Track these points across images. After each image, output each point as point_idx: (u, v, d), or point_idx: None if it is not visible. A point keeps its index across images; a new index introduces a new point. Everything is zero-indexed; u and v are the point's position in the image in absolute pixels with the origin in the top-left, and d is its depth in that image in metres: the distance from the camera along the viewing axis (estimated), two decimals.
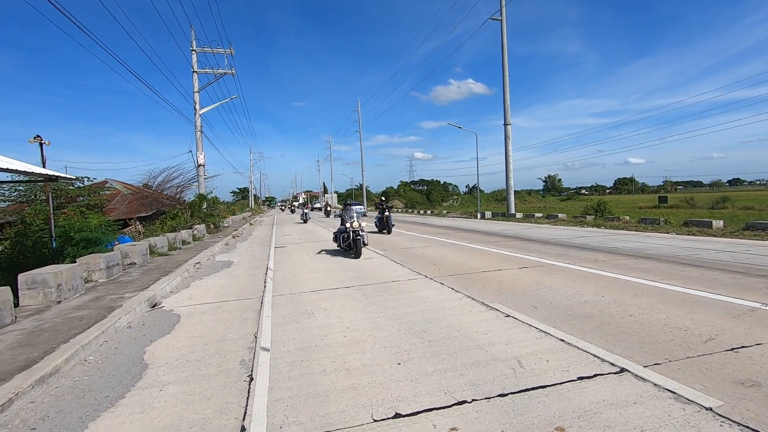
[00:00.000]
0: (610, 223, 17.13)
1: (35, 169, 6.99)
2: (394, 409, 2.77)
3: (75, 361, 3.97)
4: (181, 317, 5.56)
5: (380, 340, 4.18)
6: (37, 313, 5.61)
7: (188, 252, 12.34)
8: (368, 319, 4.95)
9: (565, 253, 9.35)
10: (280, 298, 6.31)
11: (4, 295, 5.09)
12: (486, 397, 2.88)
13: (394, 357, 3.70)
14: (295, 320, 5.08)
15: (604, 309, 4.83)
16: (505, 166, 26.82)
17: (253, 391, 3.18)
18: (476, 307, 5.19)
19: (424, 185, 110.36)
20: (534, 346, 3.78)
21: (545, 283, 6.38)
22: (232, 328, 4.93)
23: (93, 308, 5.78)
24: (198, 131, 23.28)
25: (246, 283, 7.74)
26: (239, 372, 3.59)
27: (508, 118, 26.44)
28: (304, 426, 2.65)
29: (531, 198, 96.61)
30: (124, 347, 4.42)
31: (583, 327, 4.23)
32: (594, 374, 3.13)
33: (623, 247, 10.09)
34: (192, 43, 23.40)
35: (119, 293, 6.69)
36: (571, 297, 5.45)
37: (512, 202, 26.78)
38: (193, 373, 3.61)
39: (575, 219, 20.28)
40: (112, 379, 3.58)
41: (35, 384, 3.35)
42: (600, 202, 25.56)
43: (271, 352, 4.01)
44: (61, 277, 6.34)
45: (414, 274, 7.68)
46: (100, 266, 7.95)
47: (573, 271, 7.21)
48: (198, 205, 20.92)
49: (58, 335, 4.57)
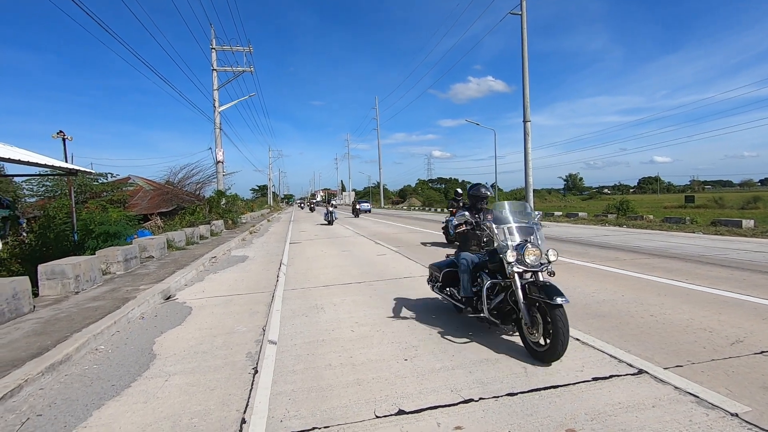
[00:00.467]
0: (633, 222, 16.61)
1: (54, 162, 7.16)
2: (398, 406, 2.68)
3: (86, 350, 4.01)
4: (192, 309, 5.59)
5: (388, 335, 4.10)
6: (55, 303, 5.73)
7: (205, 246, 12.50)
8: (378, 314, 4.87)
9: (584, 252, 9.07)
10: (292, 292, 6.29)
11: (23, 284, 5.21)
12: (494, 396, 2.76)
13: (401, 353, 3.61)
14: (304, 314, 5.04)
15: (624, 308, 4.63)
16: (524, 164, 26.33)
17: (256, 384, 3.14)
18: None
19: (442, 183, 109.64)
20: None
21: (561, 281, 6.17)
22: (241, 321, 4.92)
23: (108, 299, 5.87)
24: (217, 128, 23.60)
25: (259, 277, 7.77)
26: (245, 364, 3.56)
27: (528, 115, 25.94)
28: (304, 420, 2.58)
29: (551, 197, 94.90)
30: (135, 338, 4.46)
31: (600, 326, 4.06)
32: (610, 375, 2.97)
33: (646, 246, 9.73)
34: (212, 42, 23.72)
35: (135, 285, 6.79)
36: (588, 296, 5.25)
37: (531, 200, 26.26)
38: (199, 365, 3.60)
39: (596, 218, 19.76)
40: (120, 369, 3.60)
41: (45, 371, 3.39)
42: (623, 201, 24.84)
43: (278, 346, 3.97)
44: (79, 269, 6.46)
45: (426, 270, 7.55)
46: (118, 259, 8.10)
47: (592, 270, 6.97)
48: (216, 201, 21.23)
49: (72, 324, 4.65)
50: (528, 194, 26.42)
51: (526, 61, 25.52)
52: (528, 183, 26.38)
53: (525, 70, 25.55)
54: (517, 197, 78.60)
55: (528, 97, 25.67)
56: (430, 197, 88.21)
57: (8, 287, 4.93)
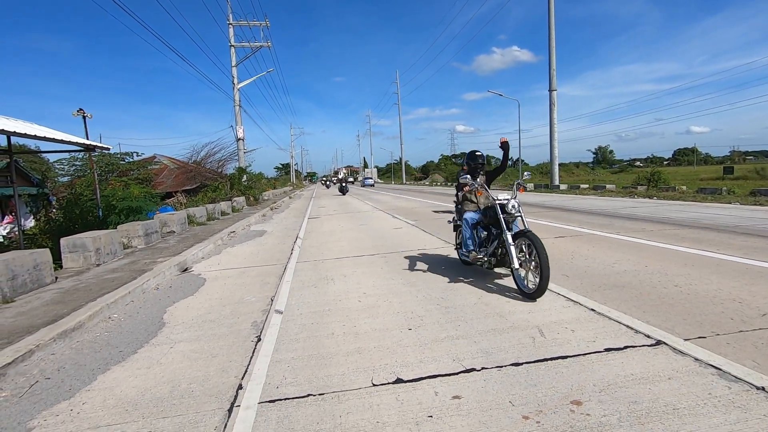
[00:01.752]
0: (664, 193, 15.85)
1: (71, 137, 7.29)
2: (396, 375, 2.60)
3: (99, 318, 4.10)
4: (206, 281, 5.66)
5: (395, 305, 4.01)
6: (76, 275, 5.91)
7: (225, 222, 12.70)
8: (387, 285, 4.79)
9: (609, 224, 8.69)
10: (304, 265, 6.28)
11: (44, 256, 5.37)
12: (498, 365, 2.64)
13: (406, 322, 3.52)
14: (313, 285, 5.02)
15: (646, 279, 4.37)
16: (550, 136, 25.41)
17: (258, 352, 3.12)
18: (502, 275, 4.87)
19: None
20: (559, 315, 3.46)
21: (582, 252, 5.91)
22: (251, 291, 4.94)
23: (127, 271, 6.01)
24: (236, 106, 23.65)
25: (274, 250, 7.81)
26: (249, 332, 3.56)
27: (554, 84, 24.83)
28: (300, 387, 2.54)
29: (579, 170, 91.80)
30: (148, 307, 4.54)
31: (618, 297, 3.84)
32: (624, 346, 2.79)
33: (676, 217, 9.24)
34: (228, 17, 23.49)
35: (153, 258, 6.94)
36: (609, 266, 5.00)
37: (556, 173, 25.48)
38: (205, 333, 3.62)
39: (625, 190, 18.97)
40: (130, 336, 3.66)
41: (57, 337, 3.48)
42: (654, 172, 23.71)
43: (284, 315, 3.95)
44: (99, 242, 6.63)
45: (442, 242, 7.41)
46: (139, 233, 8.29)
47: (615, 241, 6.65)
48: (237, 178, 21.49)
49: (89, 294, 4.77)
50: (553, 167, 25.59)
51: (553, 27, 24.27)
52: (553, 155, 25.52)
53: (551, 36, 24.32)
54: (543, 171, 76.52)
55: (554, 64, 24.53)
56: (453, 173, 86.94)
57: (29, 259, 5.09)
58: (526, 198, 18.37)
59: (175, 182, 23.21)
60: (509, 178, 71.74)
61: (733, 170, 51.41)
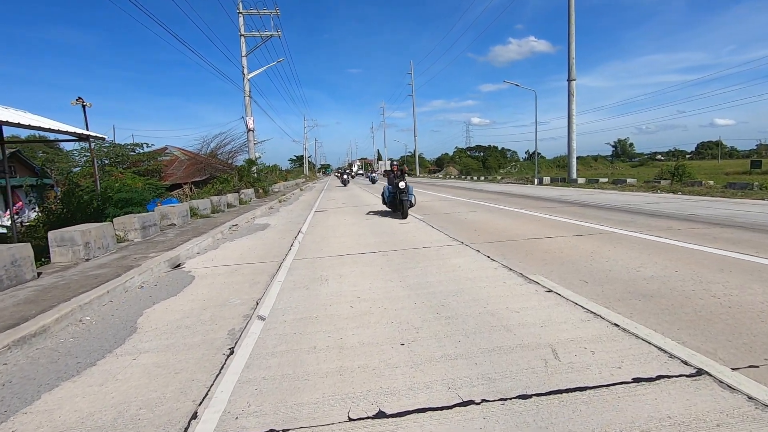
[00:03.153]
0: (690, 188, 15.00)
1: (63, 126, 7.01)
2: (379, 406, 2.18)
3: (68, 321, 3.77)
4: (195, 279, 5.32)
5: (390, 313, 3.58)
6: (61, 270, 5.63)
7: (229, 215, 12.42)
8: (384, 288, 4.36)
9: (631, 220, 8.08)
10: (300, 262, 5.90)
11: (24, 251, 5.08)
12: (501, 397, 2.19)
13: (399, 335, 3.09)
14: (305, 287, 4.62)
15: (677, 286, 3.84)
16: (568, 127, 24.50)
17: (226, 368, 2.73)
18: (512, 279, 4.40)
19: (480, 151, 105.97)
20: (577, 330, 2.98)
21: (602, 253, 5.38)
22: (239, 292, 4.57)
23: (114, 267, 5.70)
24: (247, 96, 23.35)
25: (272, 245, 7.45)
26: (223, 343, 3.17)
27: (573, 74, 23.87)
28: (264, 418, 2.14)
29: (597, 164, 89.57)
30: (125, 308, 4.21)
31: (645, 309, 3.33)
32: (657, 376, 2.31)
33: (705, 214, 8.56)
34: (238, 5, 23.13)
35: (146, 253, 6.64)
36: (633, 270, 4.47)
37: (574, 166, 24.60)
38: (175, 341, 3.25)
39: (647, 184, 18.10)
40: (95, 343, 3.32)
41: (14, 344, 3.15)
42: (678, 165, 22.65)
43: (266, 322, 3.56)
44: (89, 236, 6.35)
45: (449, 239, 6.93)
46: (135, 226, 8.02)
47: (638, 240, 6.08)
48: (246, 169, 21.25)
49: (66, 293, 4.46)
50: (571, 160, 24.71)
51: (573, 13, 23.26)
52: (571, 148, 24.64)
53: (571, 22, 23.33)
54: (560, 165, 74.81)
55: (573, 52, 23.56)
56: (468, 165, 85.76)
57: (6, 254, 4.80)
58: (542, 192, 17.68)
59: (185, 174, 23.13)
60: (525, 171, 70.07)
61: (761, 164, 49.31)
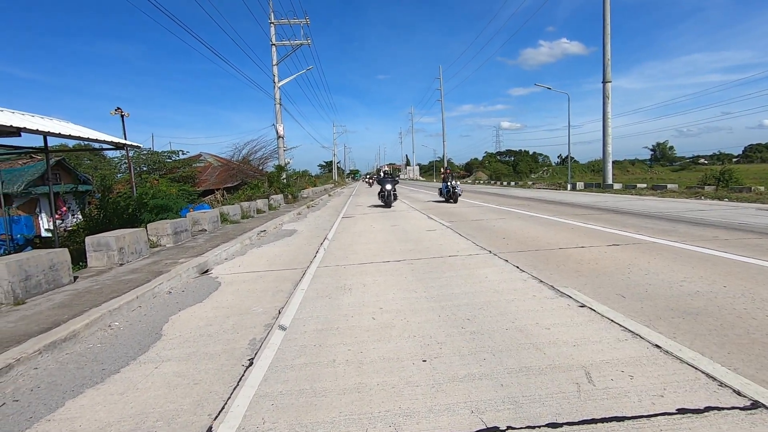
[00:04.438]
0: (737, 195, 14.08)
1: (102, 136, 7.32)
2: (396, 429, 2.06)
3: (98, 326, 3.86)
4: (221, 285, 5.38)
5: (412, 326, 3.46)
6: (96, 275, 5.83)
7: (259, 220, 12.62)
8: (408, 299, 4.24)
9: (672, 229, 7.62)
10: (325, 270, 5.86)
11: (62, 256, 5.29)
12: (530, 425, 2.03)
13: (421, 351, 2.97)
14: (327, 296, 4.56)
15: (726, 304, 3.53)
16: (603, 131, 23.64)
17: (244, 380, 2.69)
18: (543, 292, 4.18)
19: (511, 156, 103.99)
20: (613, 351, 2.76)
21: (640, 264, 5.06)
22: (262, 300, 4.57)
23: (146, 272, 5.85)
24: (277, 104, 23.85)
25: (298, 252, 7.47)
26: (243, 353, 3.14)
27: (608, 75, 23.05)
28: None
29: (635, 168, 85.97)
30: (152, 314, 4.28)
31: (690, 329, 3.07)
32: (705, 407, 2.09)
33: (756, 223, 7.97)
34: (270, 16, 23.72)
35: (176, 258, 6.79)
36: (675, 285, 4.16)
37: (609, 171, 23.69)
38: (197, 350, 3.25)
39: (689, 190, 17.16)
40: (121, 350, 3.37)
41: (44, 349, 3.23)
42: (724, 170, 21.37)
43: (287, 332, 3.52)
44: (123, 241, 6.56)
45: (477, 248, 6.74)
46: (168, 232, 8.24)
47: (681, 251, 5.70)
48: (276, 176, 21.64)
49: (98, 298, 4.59)
50: (606, 164, 23.83)
51: (608, 14, 22.52)
52: (606, 152, 23.76)
53: (606, 22, 22.58)
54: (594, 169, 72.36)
55: (609, 53, 22.78)
56: (498, 170, 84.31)
57: (45, 259, 5.00)
58: (576, 198, 17.07)
59: (218, 180, 23.81)
60: (557, 176, 68.17)
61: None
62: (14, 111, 7.08)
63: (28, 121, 6.44)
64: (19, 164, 14.20)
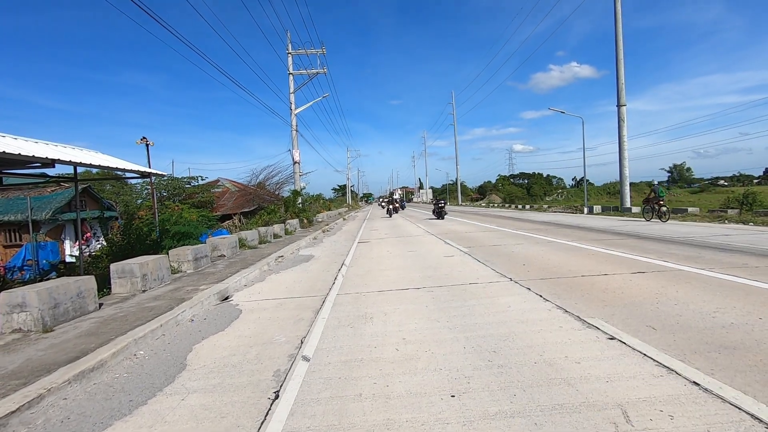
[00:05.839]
0: (763, 218, 13.72)
1: (128, 165, 7.58)
2: None
3: (124, 355, 3.90)
4: (242, 313, 5.41)
5: (438, 358, 3.41)
6: (120, 302, 5.92)
7: (276, 245, 12.74)
8: (431, 329, 4.19)
9: (698, 255, 7.43)
10: (344, 297, 5.86)
11: (89, 283, 5.41)
12: None
13: (449, 384, 2.92)
14: (349, 325, 4.54)
15: (764, 338, 3.40)
16: (619, 154, 23.49)
17: (271, 415, 2.68)
18: (569, 323, 4.10)
19: (524, 179, 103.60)
20: (649, 388, 2.67)
21: (669, 294, 4.93)
22: (284, 328, 4.57)
23: (168, 299, 5.93)
24: (294, 130, 24.41)
25: (317, 278, 7.49)
26: (268, 386, 3.13)
27: (623, 99, 23.08)
28: None
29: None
30: (176, 343, 4.31)
31: (729, 364, 2.96)
32: None
33: None
34: (288, 47, 24.58)
35: (197, 285, 6.87)
36: (708, 316, 4.03)
37: (627, 194, 23.38)
38: (222, 381, 3.26)
39: (711, 213, 16.78)
40: (147, 380, 3.39)
41: (73, 379, 3.27)
42: (747, 193, 20.90)
43: (311, 363, 3.50)
44: (147, 268, 6.68)
45: (497, 275, 6.66)
46: (188, 258, 8.37)
47: (710, 280, 5.54)
48: (292, 201, 21.92)
49: (123, 326, 4.65)
50: (623, 187, 23.55)
51: (621, 39, 22.75)
52: (623, 175, 23.52)
53: (619, 48, 22.78)
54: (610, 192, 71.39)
55: (623, 78, 22.89)
56: (512, 193, 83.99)
57: (74, 286, 5.12)
58: (594, 222, 16.84)
59: (235, 204, 24.23)
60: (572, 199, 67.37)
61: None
62: (48, 142, 7.41)
63: (61, 153, 6.72)
64: (48, 192, 14.78)
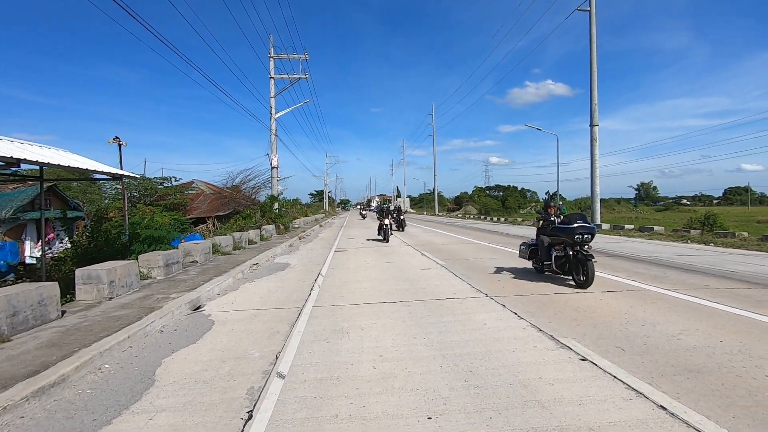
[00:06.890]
0: (723, 240, 14.42)
1: (99, 166, 7.30)
2: None
3: (88, 368, 3.73)
4: (214, 324, 5.26)
5: (415, 377, 3.41)
6: (85, 309, 5.66)
7: (251, 252, 12.50)
8: (408, 345, 4.19)
9: (663, 275, 7.74)
10: (321, 310, 5.79)
11: (52, 290, 5.15)
12: None
13: (426, 406, 2.91)
14: (325, 339, 4.49)
15: (725, 362, 3.56)
16: (591, 172, 24.26)
17: None
18: (543, 342, 4.18)
19: (499, 191, 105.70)
20: (620, 412, 2.75)
21: (637, 314, 5.11)
22: (258, 342, 4.47)
23: (136, 308, 5.71)
24: (273, 135, 24.15)
25: (293, 288, 7.38)
26: (241, 404, 3.05)
27: (596, 119, 23.91)
28: None
29: (620, 207, 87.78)
30: (144, 356, 4.15)
31: (693, 388, 3.08)
32: None
33: (744, 271, 8.14)
34: (270, 51, 24.39)
35: (167, 293, 6.65)
36: (673, 338, 4.19)
37: (598, 210, 24.15)
38: (193, 399, 3.15)
39: (676, 233, 17.53)
40: (113, 397, 3.24)
41: (32, 396, 3.10)
42: (708, 214, 21.94)
43: (286, 381, 3.43)
44: (115, 274, 6.42)
45: (473, 290, 6.74)
46: (159, 264, 8.11)
47: (675, 301, 5.77)
48: (269, 206, 21.61)
49: (88, 336, 4.44)
50: (594, 204, 24.31)
51: (595, 62, 23.63)
52: (594, 192, 24.30)
53: (593, 71, 23.65)
54: (581, 207, 73.78)
55: (596, 99, 23.73)
56: (487, 205, 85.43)
57: (35, 293, 4.87)
58: None
59: (209, 208, 23.66)
60: None
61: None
62: (12, 139, 7.06)
63: (28, 152, 6.41)
64: (9, 189, 14.02)
